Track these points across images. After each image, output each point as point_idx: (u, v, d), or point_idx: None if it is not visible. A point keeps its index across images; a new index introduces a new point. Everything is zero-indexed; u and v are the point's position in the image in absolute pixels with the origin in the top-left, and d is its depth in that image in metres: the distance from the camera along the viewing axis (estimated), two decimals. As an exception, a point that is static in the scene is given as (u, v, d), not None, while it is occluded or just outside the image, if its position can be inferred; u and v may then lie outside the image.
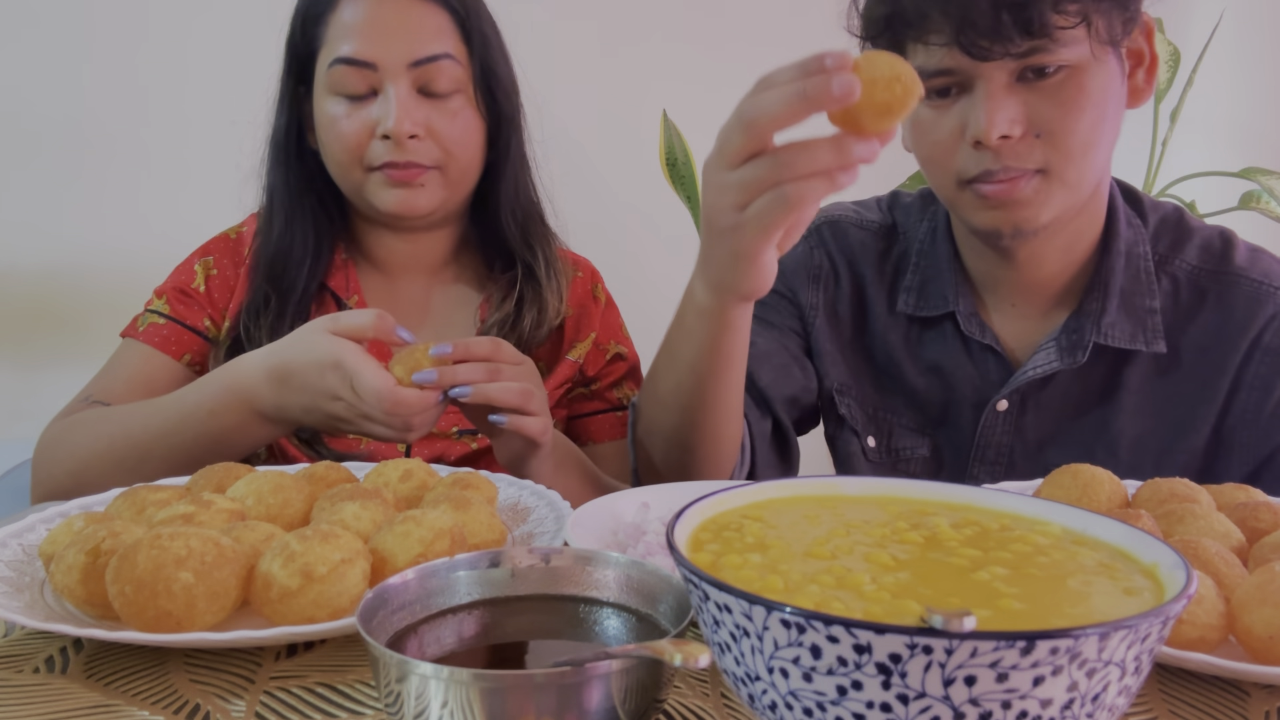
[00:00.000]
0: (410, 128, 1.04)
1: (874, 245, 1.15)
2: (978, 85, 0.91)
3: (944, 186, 0.98)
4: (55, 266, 2.30)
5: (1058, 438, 1.04)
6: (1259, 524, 0.71)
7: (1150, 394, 1.02)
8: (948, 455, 1.10)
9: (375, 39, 1.05)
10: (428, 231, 1.16)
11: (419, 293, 1.19)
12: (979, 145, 0.91)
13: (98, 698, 0.55)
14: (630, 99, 2.53)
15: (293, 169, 1.14)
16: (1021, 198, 0.92)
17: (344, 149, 1.07)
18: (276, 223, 1.13)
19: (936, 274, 1.09)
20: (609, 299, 1.25)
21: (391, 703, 0.44)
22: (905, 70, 0.64)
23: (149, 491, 0.74)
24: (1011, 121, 0.89)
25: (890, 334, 1.11)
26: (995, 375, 1.06)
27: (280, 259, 1.12)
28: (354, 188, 1.10)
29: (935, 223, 1.11)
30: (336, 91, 1.07)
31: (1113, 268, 1.01)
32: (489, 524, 0.72)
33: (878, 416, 1.12)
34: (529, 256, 1.17)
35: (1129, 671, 0.37)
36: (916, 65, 0.90)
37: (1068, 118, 0.90)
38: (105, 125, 2.28)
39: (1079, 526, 0.48)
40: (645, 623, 0.52)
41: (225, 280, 1.15)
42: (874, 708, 0.36)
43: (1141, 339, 1.00)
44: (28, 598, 0.63)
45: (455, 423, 1.12)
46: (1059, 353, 1.01)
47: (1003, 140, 0.90)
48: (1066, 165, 0.91)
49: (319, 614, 0.59)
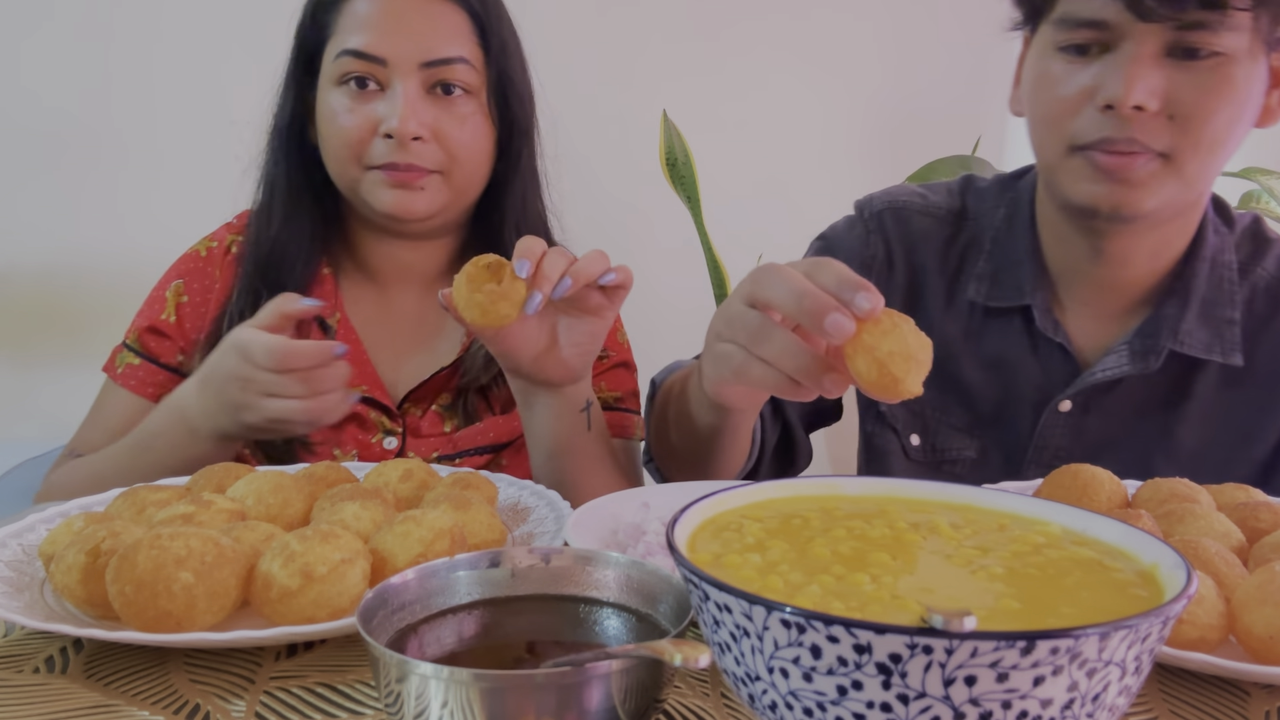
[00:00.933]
0: (415, 129, 1.01)
1: (938, 233, 1.09)
2: (1123, 47, 0.85)
3: (1052, 150, 0.92)
4: (55, 267, 2.30)
5: (1116, 443, 1.01)
6: (1259, 524, 0.71)
7: (1217, 403, 0.99)
8: (996, 458, 1.06)
9: (388, 34, 1.02)
10: (426, 240, 1.13)
11: (411, 305, 1.16)
12: (1108, 109, 0.86)
13: (98, 698, 0.55)
14: (630, 99, 2.53)
15: (294, 162, 1.11)
16: (1134, 177, 0.87)
17: (343, 144, 1.04)
18: (275, 218, 1.10)
19: (1012, 263, 1.03)
20: None
21: (391, 703, 0.44)
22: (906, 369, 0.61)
23: (149, 491, 0.74)
24: (1151, 92, 0.84)
25: (948, 325, 1.06)
26: (1060, 374, 1.02)
27: (276, 255, 1.09)
28: (350, 185, 1.06)
29: (1014, 209, 1.06)
30: (341, 83, 1.04)
31: (1196, 273, 0.98)
32: (489, 524, 0.72)
33: (924, 414, 1.08)
34: None
35: (1129, 671, 0.37)
36: (1066, 12, 0.88)
37: (1208, 105, 0.85)
38: (105, 126, 2.28)
39: (1079, 526, 0.48)
40: (645, 623, 0.52)
41: (196, 307, 1.12)
42: (874, 708, 0.36)
43: (1218, 349, 0.97)
44: (28, 598, 0.63)
45: (436, 448, 1.09)
46: (1131, 356, 0.97)
47: (1135, 110, 0.85)
48: (1191, 156, 0.87)
49: (319, 614, 0.59)
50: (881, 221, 1.11)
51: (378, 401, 1.09)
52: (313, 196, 1.11)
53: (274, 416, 0.87)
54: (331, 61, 1.05)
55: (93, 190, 2.29)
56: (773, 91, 2.72)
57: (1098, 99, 0.87)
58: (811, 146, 2.78)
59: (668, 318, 2.52)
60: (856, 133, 2.79)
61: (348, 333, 1.11)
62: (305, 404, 0.86)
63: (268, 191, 1.12)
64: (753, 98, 2.70)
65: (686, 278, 2.53)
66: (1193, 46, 0.84)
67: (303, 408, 0.86)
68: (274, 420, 0.87)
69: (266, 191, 1.12)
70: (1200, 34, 0.83)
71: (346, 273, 1.16)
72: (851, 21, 2.73)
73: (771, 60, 2.71)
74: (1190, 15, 0.82)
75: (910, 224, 1.10)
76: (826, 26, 2.72)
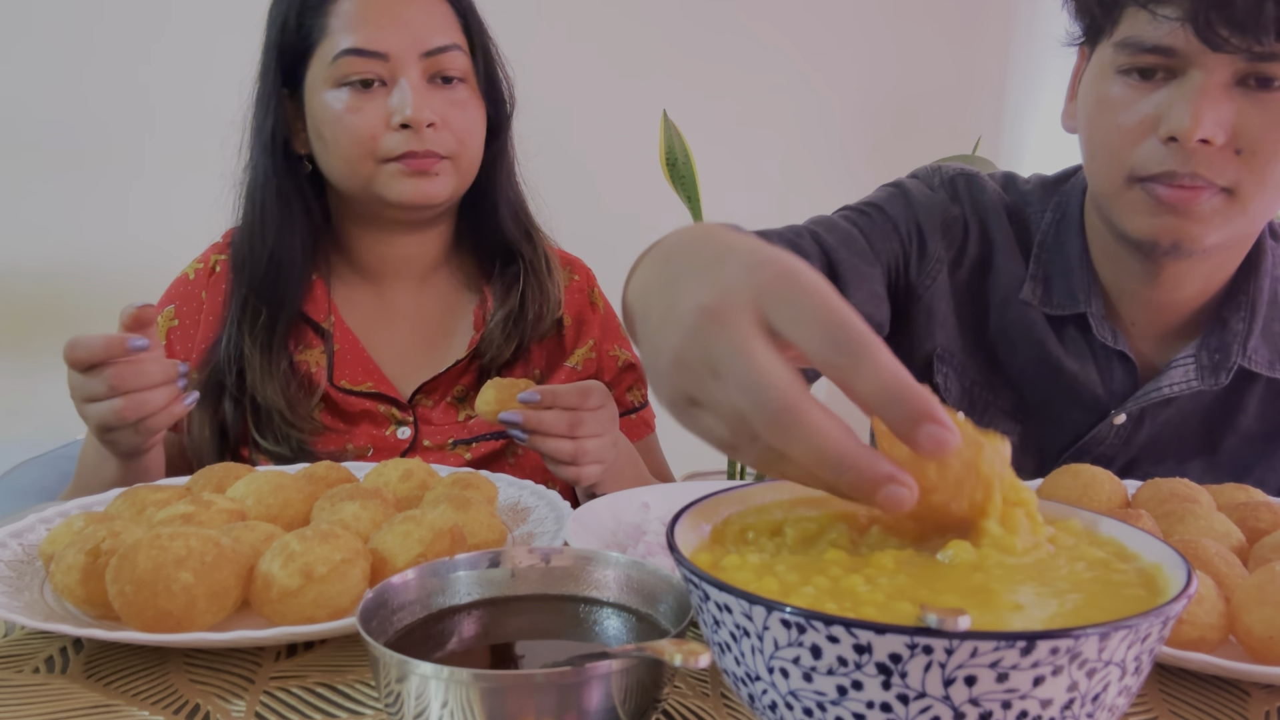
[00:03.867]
0: (429, 116, 1.03)
1: (1004, 212, 1.04)
2: (1191, 75, 0.80)
3: (1109, 179, 0.88)
4: (55, 267, 2.30)
5: (1160, 452, 0.99)
6: (1259, 524, 0.71)
7: (1263, 417, 0.98)
8: (1034, 447, 1.02)
9: (385, 29, 1.03)
10: (423, 231, 1.14)
11: (408, 300, 1.16)
12: (1171, 141, 0.81)
13: (98, 698, 0.55)
14: (630, 99, 2.53)
15: (280, 174, 1.10)
16: (1197, 212, 0.83)
17: (355, 141, 1.04)
18: (269, 234, 1.09)
19: (1065, 270, 0.99)
20: (606, 303, 1.24)
21: (391, 703, 0.44)
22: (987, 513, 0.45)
23: (149, 491, 0.74)
24: (1218, 125, 0.79)
25: (1011, 309, 1.00)
26: (1120, 385, 0.98)
27: (273, 271, 1.09)
28: (363, 182, 1.06)
29: (1062, 214, 1.01)
30: (342, 83, 1.04)
31: (1261, 289, 0.95)
32: (489, 524, 0.72)
33: (973, 392, 1.03)
34: (528, 250, 1.16)
35: (1129, 671, 0.37)
36: (1131, 34, 0.82)
37: (1278, 140, 0.80)
38: (105, 127, 2.28)
39: (1081, 526, 0.48)
40: (645, 623, 0.52)
41: (186, 330, 1.12)
42: (874, 708, 0.36)
43: (1278, 365, 0.95)
44: (28, 598, 0.63)
45: (451, 434, 1.10)
46: (1199, 371, 0.94)
47: (1201, 144, 0.80)
48: (1256, 192, 0.82)
49: (319, 614, 0.59)
50: (955, 188, 1.04)
51: (387, 396, 1.10)
52: (302, 205, 1.11)
53: (96, 422, 0.86)
54: (328, 64, 1.04)
55: (93, 190, 2.29)
56: (773, 91, 2.72)
57: (1161, 130, 0.81)
58: (812, 146, 2.78)
59: (668, 318, 2.52)
60: (857, 133, 2.80)
61: (344, 335, 1.12)
62: (115, 404, 0.84)
63: (257, 209, 1.11)
64: (753, 97, 2.71)
65: (686, 278, 2.53)
66: (1266, 76, 0.79)
67: (114, 409, 0.84)
68: (98, 427, 0.86)
69: (256, 209, 1.11)
70: (1274, 65, 0.78)
71: (339, 275, 1.16)
72: (852, 22, 2.73)
73: (772, 60, 2.71)
74: (1264, 47, 0.76)
75: (985, 193, 1.04)
76: (827, 27, 2.72)
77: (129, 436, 0.87)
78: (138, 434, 0.87)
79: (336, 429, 1.09)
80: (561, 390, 0.93)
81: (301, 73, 1.07)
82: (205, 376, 1.07)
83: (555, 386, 0.93)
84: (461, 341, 1.15)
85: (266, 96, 1.09)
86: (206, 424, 1.06)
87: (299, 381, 1.08)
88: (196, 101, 2.27)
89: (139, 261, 2.26)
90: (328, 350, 1.10)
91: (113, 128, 2.28)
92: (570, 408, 0.92)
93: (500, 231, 1.16)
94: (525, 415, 0.91)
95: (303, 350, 1.10)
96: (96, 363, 0.83)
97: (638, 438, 1.19)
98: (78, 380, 0.85)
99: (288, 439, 1.05)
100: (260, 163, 1.10)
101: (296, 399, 1.06)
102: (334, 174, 1.08)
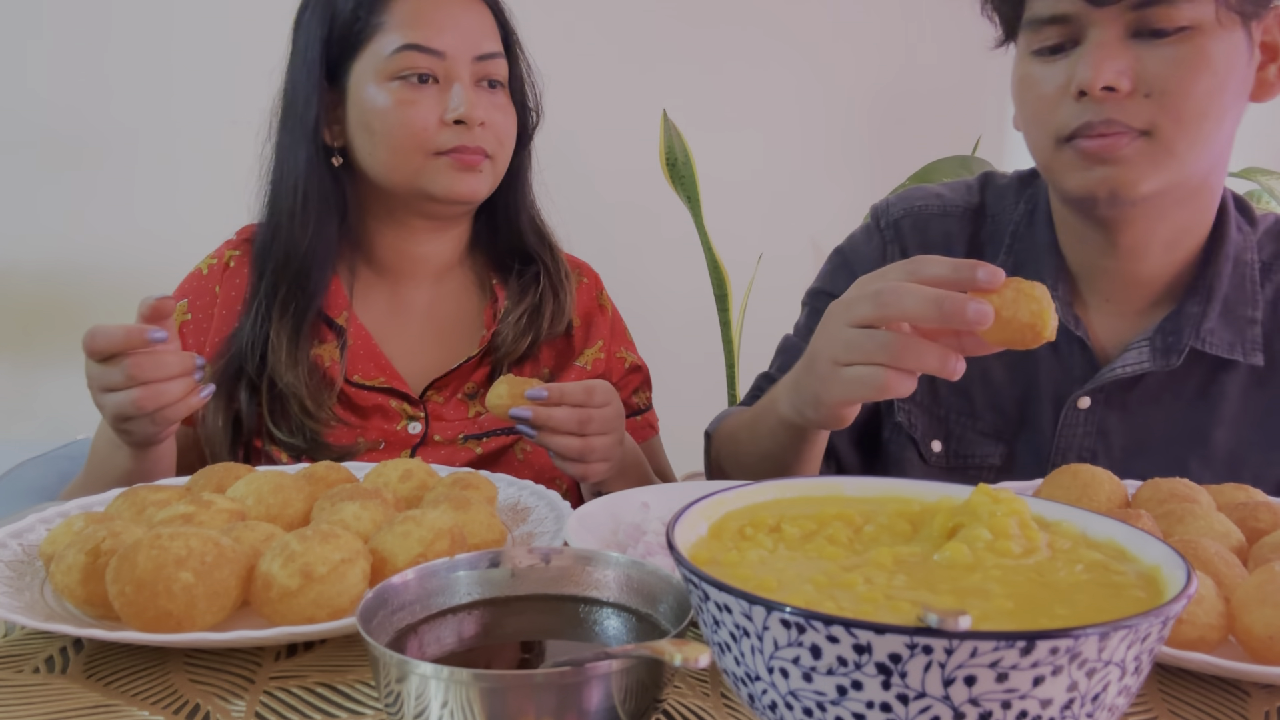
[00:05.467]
0: (481, 114, 1.07)
1: (960, 233, 1.09)
2: (1090, 36, 0.87)
3: (1043, 148, 0.93)
4: (55, 266, 2.30)
5: (1147, 447, 1.00)
6: (1259, 524, 0.71)
7: (1247, 405, 0.98)
8: (1022, 461, 1.05)
9: (445, 29, 1.07)
10: (444, 230, 1.17)
11: (423, 298, 1.19)
12: (1083, 96, 0.87)
13: (98, 698, 0.55)
14: (630, 99, 2.53)
15: (318, 165, 1.11)
16: (1122, 158, 0.87)
17: (410, 133, 1.06)
18: (310, 225, 1.10)
19: (1032, 258, 1.03)
20: (613, 306, 1.26)
21: (391, 703, 0.44)
22: (1044, 321, 0.67)
23: (149, 492, 0.74)
24: (1119, 73, 0.85)
25: None
26: (1080, 370, 1.01)
27: (307, 263, 1.10)
28: (410, 174, 1.08)
29: (1034, 204, 1.06)
30: (396, 76, 1.06)
31: (1220, 272, 0.97)
32: (489, 524, 0.72)
33: (947, 419, 1.07)
34: (547, 257, 1.19)
35: (1129, 671, 0.37)
36: (1031, 14, 0.91)
37: (1182, 78, 0.85)
38: (108, 125, 2.28)
39: (1080, 526, 0.48)
40: (645, 623, 0.52)
41: (199, 324, 1.14)
42: (874, 708, 0.36)
43: (1240, 349, 0.96)
44: (28, 598, 0.63)
45: (462, 429, 1.11)
46: (1152, 353, 0.97)
47: (1107, 92, 0.86)
48: (1176, 131, 0.86)
49: (319, 614, 0.59)
50: (899, 231, 1.11)
51: (398, 391, 1.12)
52: (337, 197, 1.13)
53: (112, 412, 0.87)
54: (384, 58, 1.06)
55: (94, 189, 2.29)
56: (773, 91, 2.72)
57: (1072, 88, 0.88)
58: (812, 147, 2.78)
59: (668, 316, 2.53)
60: (857, 133, 2.79)
61: (357, 330, 1.13)
62: (132, 394, 0.85)
63: (299, 197, 1.10)
64: (753, 97, 2.71)
65: (686, 276, 2.53)
66: (1156, 25, 0.85)
67: (131, 399, 0.85)
68: (114, 416, 0.87)
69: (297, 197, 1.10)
70: (1159, 10, 0.84)
71: (356, 272, 1.18)
72: (853, 22, 2.73)
73: (772, 60, 2.71)
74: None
75: (929, 229, 1.10)
76: (827, 27, 2.72)
77: (145, 426, 0.88)
78: (154, 424, 0.88)
79: (349, 423, 1.10)
80: (569, 388, 0.95)
81: (347, 66, 1.09)
82: (224, 365, 1.08)
83: (563, 385, 0.96)
84: (473, 339, 1.17)
85: (309, 88, 1.10)
86: (221, 414, 1.07)
87: (318, 374, 1.09)
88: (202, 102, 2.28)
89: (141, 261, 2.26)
90: (341, 345, 1.12)
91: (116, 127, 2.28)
92: (578, 404, 0.95)
93: (519, 236, 1.20)
94: (535, 412, 0.94)
95: (317, 345, 1.12)
96: (116, 352, 0.84)
97: (642, 439, 1.21)
98: (96, 370, 0.86)
99: (303, 429, 1.06)
100: (301, 153, 1.10)
101: (317, 389, 1.08)
102: (378, 166, 1.09)
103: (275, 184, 1.13)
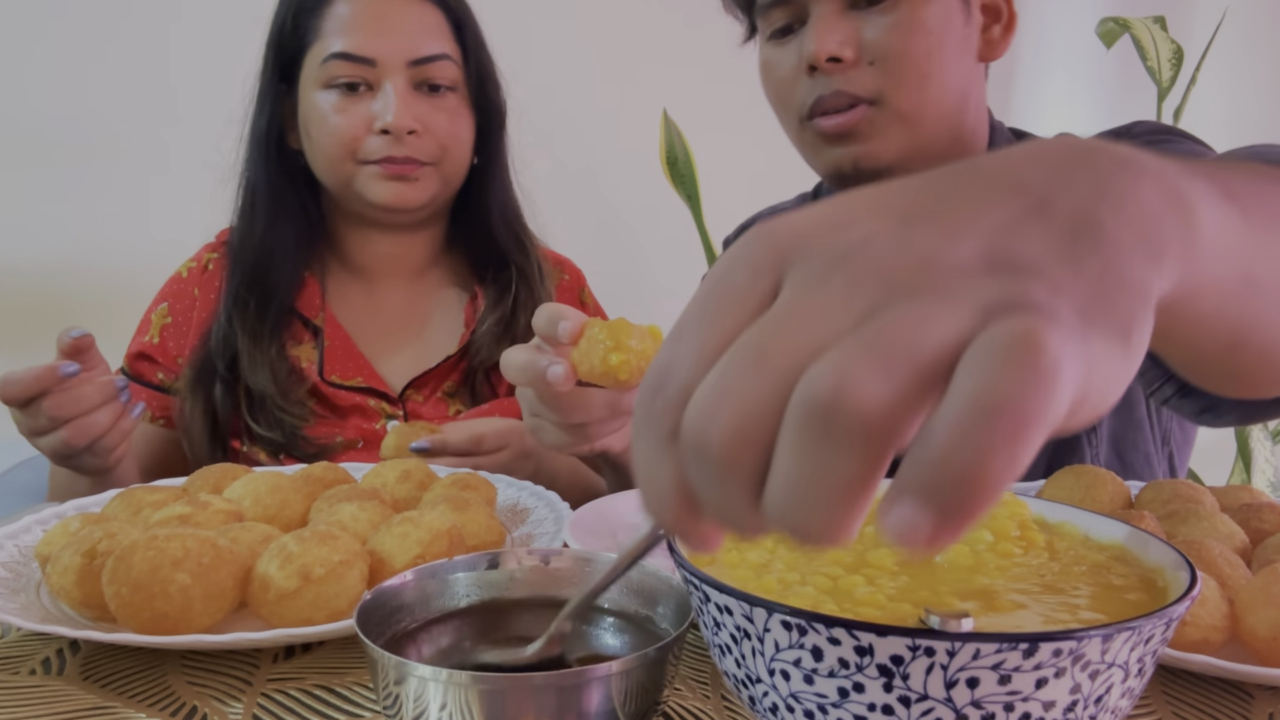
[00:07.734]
0: (410, 123, 1.05)
1: None
2: (812, 12, 0.91)
3: (791, 130, 0.97)
4: (55, 266, 2.30)
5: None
6: (1262, 525, 0.71)
7: None
8: None
9: (375, 35, 1.05)
10: (412, 232, 1.16)
11: (398, 297, 1.18)
12: (814, 72, 0.90)
13: (95, 700, 0.55)
14: (630, 99, 2.53)
15: (274, 168, 1.12)
16: (859, 132, 0.91)
17: (337, 142, 1.06)
18: (259, 224, 1.12)
19: None
20: (595, 303, 1.25)
21: (390, 705, 0.44)
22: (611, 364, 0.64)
23: (145, 493, 0.73)
24: (841, 43, 0.88)
25: None
26: None
27: (263, 262, 1.11)
28: (344, 181, 1.08)
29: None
30: (330, 86, 1.06)
31: None
32: (488, 525, 0.71)
33: None
34: (520, 258, 1.17)
35: (1132, 673, 0.36)
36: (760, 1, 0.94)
37: (898, 41, 0.88)
38: (105, 125, 2.28)
39: (1083, 528, 0.48)
40: (645, 625, 0.51)
41: (179, 327, 1.14)
42: (876, 710, 0.36)
43: None
44: (24, 599, 0.63)
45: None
46: None
47: (834, 64, 0.89)
48: (900, 93, 0.89)
49: (317, 615, 0.59)
50: None
51: (377, 390, 1.11)
52: (296, 200, 1.13)
53: (49, 453, 0.86)
54: (318, 66, 1.06)
55: (93, 189, 2.29)
56: (773, 91, 2.72)
57: (802, 65, 0.91)
58: (812, 146, 2.78)
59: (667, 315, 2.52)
60: (857, 132, 2.79)
61: (335, 330, 1.13)
62: (61, 435, 0.84)
63: (249, 199, 1.13)
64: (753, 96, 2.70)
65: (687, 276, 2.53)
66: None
67: (61, 439, 0.84)
68: (53, 457, 0.87)
69: (248, 199, 1.13)
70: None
71: (332, 272, 1.18)
72: (852, 21, 2.73)
73: (772, 60, 2.70)
74: None
75: None
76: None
77: (87, 459, 0.87)
78: (95, 455, 0.87)
79: (328, 419, 1.10)
80: (454, 439, 0.92)
81: (296, 72, 1.10)
82: (199, 364, 1.08)
83: (448, 435, 0.92)
84: (452, 338, 1.16)
85: (264, 93, 1.11)
86: (199, 413, 1.07)
87: (289, 370, 1.09)
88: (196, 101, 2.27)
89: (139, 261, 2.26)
90: (319, 346, 1.12)
91: (113, 126, 2.28)
92: (461, 454, 0.92)
93: (492, 237, 1.18)
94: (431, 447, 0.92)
95: (294, 345, 1.12)
96: (31, 396, 0.83)
97: None
98: (19, 417, 0.85)
99: (280, 424, 1.06)
100: (255, 157, 1.12)
101: (288, 385, 1.08)
102: (319, 171, 1.11)
103: (239, 186, 1.15)
